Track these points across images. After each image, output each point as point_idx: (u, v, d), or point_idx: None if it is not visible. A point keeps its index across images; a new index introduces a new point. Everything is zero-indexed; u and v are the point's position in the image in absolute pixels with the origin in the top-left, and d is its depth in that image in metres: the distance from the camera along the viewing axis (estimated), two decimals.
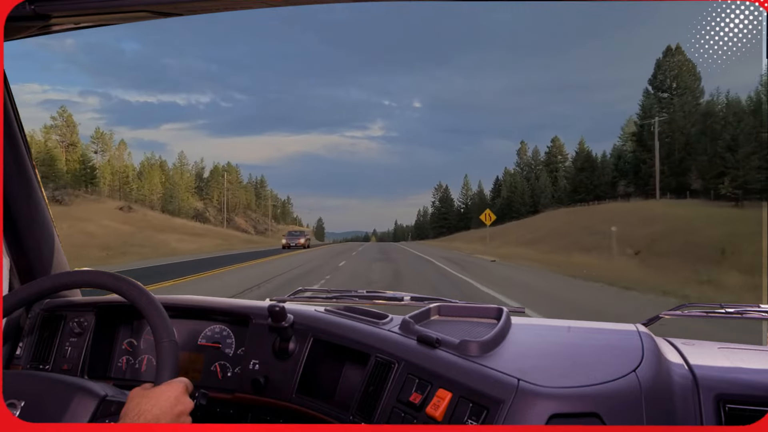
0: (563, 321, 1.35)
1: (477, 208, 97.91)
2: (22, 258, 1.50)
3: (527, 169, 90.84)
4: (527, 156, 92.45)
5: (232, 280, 13.42)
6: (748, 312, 1.33)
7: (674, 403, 0.91)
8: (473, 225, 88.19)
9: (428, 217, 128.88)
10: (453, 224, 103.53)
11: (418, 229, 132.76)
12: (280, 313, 1.26)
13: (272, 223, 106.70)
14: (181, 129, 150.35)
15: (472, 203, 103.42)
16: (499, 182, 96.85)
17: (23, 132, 1.43)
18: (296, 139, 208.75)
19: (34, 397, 0.96)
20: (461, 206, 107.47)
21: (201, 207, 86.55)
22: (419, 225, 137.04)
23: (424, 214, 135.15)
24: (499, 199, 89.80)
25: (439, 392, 0.97)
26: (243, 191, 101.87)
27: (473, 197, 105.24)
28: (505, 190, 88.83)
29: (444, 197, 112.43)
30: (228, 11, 1.13)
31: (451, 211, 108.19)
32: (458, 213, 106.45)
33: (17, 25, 1.09)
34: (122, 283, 1.08)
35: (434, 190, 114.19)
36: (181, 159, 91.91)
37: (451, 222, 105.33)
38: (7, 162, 1.39)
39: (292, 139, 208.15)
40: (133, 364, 1.49)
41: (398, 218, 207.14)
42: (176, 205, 78.06)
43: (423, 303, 1.49)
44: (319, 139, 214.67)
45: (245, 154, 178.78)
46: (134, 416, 0.86)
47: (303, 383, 1.27)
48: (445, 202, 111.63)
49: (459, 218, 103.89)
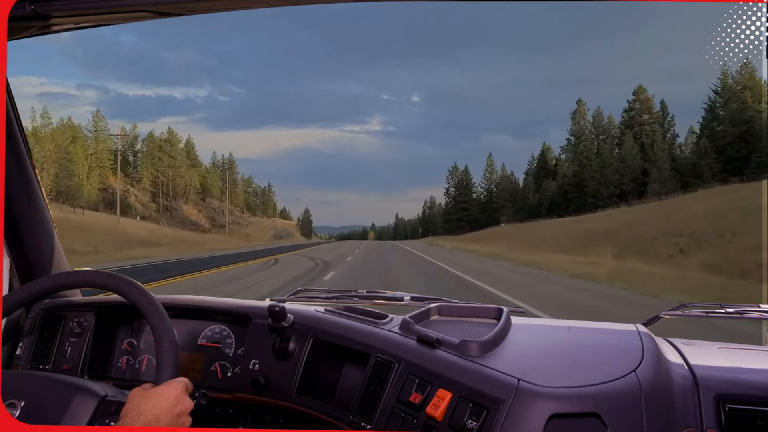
0: (563, 321, 1.35)
1: (508, 195, 79.35)
2: (22, 258, 1.50)
3: (594, 134, 63.87)
4: (585, 120, 66.46)
5: None
6: (748, 312, 1.33)
7: (674, 403, 0.91)
8: (504, 217, 73.75)
9: (436, 208, 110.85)
10: (474, 217, 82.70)
11: (425, 223, 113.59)
12: (280, 313, 1.26)
13: (245, 215, 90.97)
14: (179, 123, 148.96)
15: (499, 190, 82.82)
16: (545, 159, 74.59)
17: (23, 132, 1.44)
18: (294, 133, 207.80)
19: (34, 397, 0.96)
20: (482, 194, 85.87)
21: (121, 189, 59.82)
22: (426, 218, 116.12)
23: (431, 206, 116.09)
24: (550, 182, 68.92)
25: (439, 392, 0.97)
26: (195, 172, 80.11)
27: (500, 182, 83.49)
28: (569, 166, 65.14)
29: (462, 181, 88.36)
30: (228, 11, 1.13)
31: (470, 200, 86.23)
32: (480, 203, 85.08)
33: (17, 25, 1.09)
34: (122, 283, 1.08)
35: (448, 174, 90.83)
36: (97, 122, 64.47)
37: (473, 214, 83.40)
38: (7, 162, 1.39)
39: (291, 133, 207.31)
40: (133, 364, 1.49)
41: (399, 212, 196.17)
42: (74, 185, 55.55)
43: (423, 303, 1.49)
44: (318, 133, 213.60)
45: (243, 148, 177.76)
46: (134, 416, 0.86)
47: (303, 383, 1.27)
48: (464, 189, 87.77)
49: (481, 209, 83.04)
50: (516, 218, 70.85)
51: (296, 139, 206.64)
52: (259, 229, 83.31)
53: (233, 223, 79.54)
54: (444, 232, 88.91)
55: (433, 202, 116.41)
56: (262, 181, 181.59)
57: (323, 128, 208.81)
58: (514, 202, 78.47)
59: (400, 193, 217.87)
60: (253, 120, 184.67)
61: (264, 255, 27.70)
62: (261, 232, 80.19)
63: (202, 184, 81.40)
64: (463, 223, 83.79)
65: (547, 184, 69.38)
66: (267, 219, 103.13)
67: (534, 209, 69.55)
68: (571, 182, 62.92)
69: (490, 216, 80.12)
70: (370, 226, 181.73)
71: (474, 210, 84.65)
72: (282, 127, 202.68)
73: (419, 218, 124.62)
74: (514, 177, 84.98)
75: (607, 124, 63.86)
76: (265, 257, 25.39)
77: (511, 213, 75.01)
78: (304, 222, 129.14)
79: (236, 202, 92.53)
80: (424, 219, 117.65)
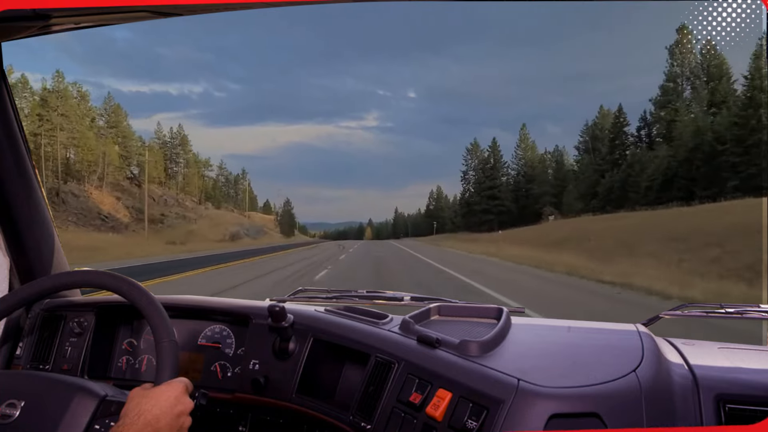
0: (563, 321, 1.35)
1: (552, 179, 60.77)
2: (22, 258, 1.50)
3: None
4: (693, 56, 42.41)
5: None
6: (748, 312, 1.33)
7: (674, 403, 0.91)
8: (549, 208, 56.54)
9: (443, 201, 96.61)
10: (506, 208, 62.98)
11: (431, 218, 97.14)
12: (280, 313, 1.26)
13: (201, 207, 68.97)
14: (174, 119, 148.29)
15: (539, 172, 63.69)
16: (618, 124, 51.65)
17: (23, 132, 1.44)
18: (290, 129, 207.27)
19: (34, 397, 0.96)
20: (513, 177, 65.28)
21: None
22: (431, 213, 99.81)
23: (437, 198, 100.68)
24: (646, 153, 45.40)
25: (439, 392, 0.97)
26: (111, 143, 55.56)
27: (543, 162, 64.27)
28: (696, 128, 36.82)
29: (487, 161, 66.50)
30: (228, 11, 1.13)
31: (501, 186, 65.24)
32: (510, 190, 64.67)
33: (17, 25, 1.09)
34: (122, 283, 1.08)
35: (465, 154, 70.93)
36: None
37: (504, 204, 63.35)
38: (7, 162, 1.39)
39: (287, 129, 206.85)
40: (133, 364, 1.49)
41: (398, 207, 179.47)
42: None
43: (423, 303, 1.49)
44: (314, 129, 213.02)
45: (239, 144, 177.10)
46: (134, 416, 0.86)
47: (303, 383, 1.27)
48: (491, 170, 66.36)
49: (513, 198, 64.33)
50: (571, 209, 53.35)
51: (292, 135, 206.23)
52: (213, 225, 61.66)
53: (178, 217, 58.45)
54: (461, 228, 69.91)
55: (439, 194, 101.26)
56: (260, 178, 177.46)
57: (319, 124, 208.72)
58: (562, 188, 59.57)
59: (399, 189, 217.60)
60: (249, 116, 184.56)
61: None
62: (214, 229, 59.50)
63: (139, 164, 59.53)
64: (491, 216, 62.98)
65: (641, 156, 45.58)
66: (236, 212, 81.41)
67: (600, 196, 50.09)
68: (698, 155, 36.79)
69: (527, 208, 60.82)
70: (367, 223, 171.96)
71: (506, 198, 63.57)
72: (278, 123, 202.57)
73: (423, 213, 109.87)
74: (559, 153, 64.21)
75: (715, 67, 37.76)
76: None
77: (574, 199, 54.93)
78: (285, 216, 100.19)
79: (189, 190, 70.78)
80: (429, 213, 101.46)
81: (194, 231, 54.11)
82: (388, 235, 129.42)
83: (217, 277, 15.40)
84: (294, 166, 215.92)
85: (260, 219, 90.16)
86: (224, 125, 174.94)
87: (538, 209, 59.58)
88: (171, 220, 57.06)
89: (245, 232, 66.27)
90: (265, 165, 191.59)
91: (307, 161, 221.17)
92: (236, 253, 31.21)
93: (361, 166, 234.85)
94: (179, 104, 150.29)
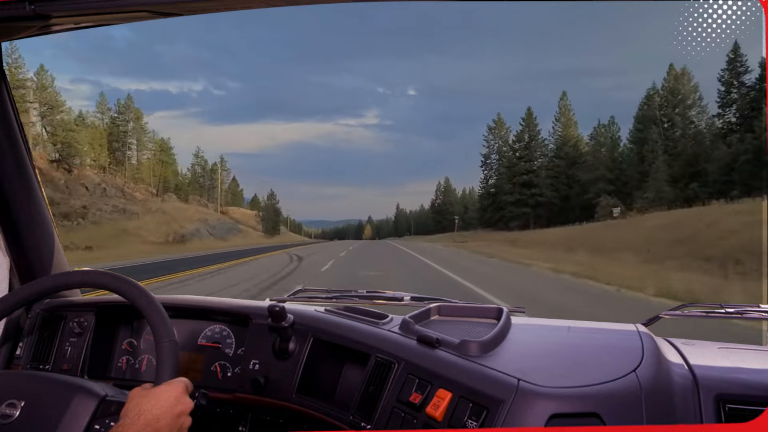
0: (563, 321, 1.35)
1: (608, 160, 43.89)
2: (22, 258, 1.50)
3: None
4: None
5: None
6: (748, 312, 1.33)
7: (674, 404, 0.91)
8: (611, 199, 40.98)
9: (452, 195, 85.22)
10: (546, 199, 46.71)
11: (438, 214, 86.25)
12: (280, 313, 1.26)
13: (160, 200, 55.61)
14: (174, 117, 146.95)
15: (587, 153, 47.38)
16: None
17: (23, 132, 1.44)
18: (290, 127, 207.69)
19: (34, 397, 0.96)
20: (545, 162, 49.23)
21: None
22: (438, 208, 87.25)
23: (444, 191, 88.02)
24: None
25: (439, 392, 0.97)
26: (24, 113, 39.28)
27: (596, 139, 46.57)
28: None
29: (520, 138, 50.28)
30: (228, 11, 1.13)
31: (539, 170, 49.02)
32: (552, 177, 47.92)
33: (17, 25, 1.09)
34: (122, 283, 1.08)
35: (487, 133, 55.81)
36: None
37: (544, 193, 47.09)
38: (7, 162, 1.39)
39: (286, 127, 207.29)
40: (133, 364, 1.49)
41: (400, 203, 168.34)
42: None
43: (423, 303, 1.49)
44: (313, 127, 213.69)
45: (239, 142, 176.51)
46: (134, 416, 0.86)
47: (303, 383, 1.27)
48: (525, 150, 49.98)
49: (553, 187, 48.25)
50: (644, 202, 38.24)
51: (292, 133, 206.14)
52: (165, 222, 47.55)
53: (115, 211, 45.01)
54: (477, 224, 56.71)
55: (447, 187, 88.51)
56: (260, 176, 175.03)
57: (319, 122, 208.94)
58: (620, 172, 44.63)
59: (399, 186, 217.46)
60: (249, 113, 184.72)
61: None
62: (163, 227, 46.23)
63: (63, 142, 46.21)
64: (525, 209, 48.19)
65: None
66: (210, 207, 67.46)
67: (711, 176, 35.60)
68: None
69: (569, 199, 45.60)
70: (366, 220, 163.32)
71: (545, 186, 47.46)
72: (277, 120, 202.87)
73: (428, 209, 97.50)
74: (614, 129, 46.86)
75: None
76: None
77: (664, 184, 38.53)
78: (268, 212, 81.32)
79: (141, 177, 57.54)
80: (437, 209, 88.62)
81: (129, 230, 42.21)
82: (389, 233, 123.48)
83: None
84: (294, 164, 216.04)
85: (241, 215, 78.82)
86: (224, 123, 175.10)
87: (589, 200, 44.00)
88: (101, 215, 43.31)
89: (210, 231, 53.51)
90: (265, 163, 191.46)
91: (306, 159, 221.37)
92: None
93: (360, 163, 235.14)
94: (179, 102, 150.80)
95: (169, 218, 49.47)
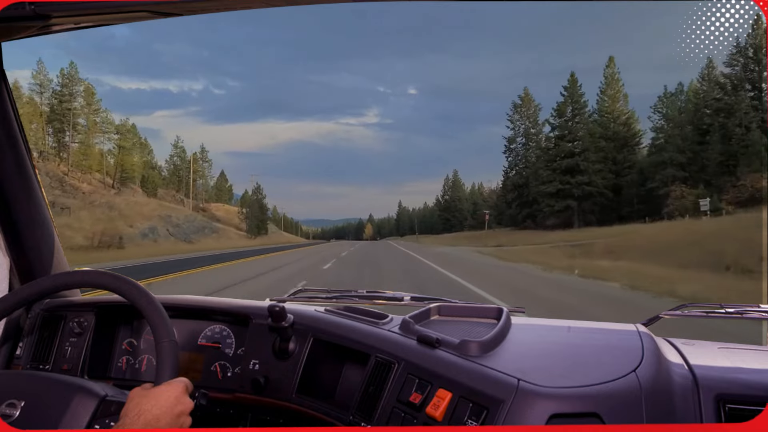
0: (563, 321, 1.35)
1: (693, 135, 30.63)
2: (22, 258, 1.50)
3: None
4: None
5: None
6: (748, 312, 1.33)
7: (674, 404, 0.91)
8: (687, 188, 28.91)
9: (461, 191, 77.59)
10: (597, 190, 35.62)
11: (446, 211, 78.66)
12: (280, 313, 1.26)
13: (113, 192, 47.46)
14: (175, 116, 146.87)
15: (670, 127, 34.20)
16: None
17: (23, 132, 1.44)
18: (290, 126, 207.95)
19: (34, 397, 0.96)
20: (597, 141, 36.59)
21: None
22: (445, 206, 79.07)
23: (453, 187, 79.37)
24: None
25: (439, 392, 0.97)
26: None
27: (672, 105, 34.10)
28: None
29: (561, 112, 37.30)
30: (228, 11, 1.13)
31: (587, 152, 36.11)
32: (600, 162, 36.12)
33: (17, 25, 1.09)
34: (122, 283, 1.08)
35: (512, 111, 44.23)
36: None
37: (594, 183, 35.86)
38: (7, 162, 1.39)
39: (287, 126, 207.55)
40: (133, 364, 1.49)
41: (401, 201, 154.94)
42: None
43: (423, 303, 1.49)
44: (314, 126, 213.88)
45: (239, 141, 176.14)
46: (134, 416, 0.86)
47: (303, 383, 1.27)
48: (567, 123, 37.15)
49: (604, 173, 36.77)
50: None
51: (292, 132, 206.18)
52: (101, 220, 38.01)
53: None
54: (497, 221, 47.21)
55: (456, 181, 79.29)
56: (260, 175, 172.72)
57: (319, 121, 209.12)
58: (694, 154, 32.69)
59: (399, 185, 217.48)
60: (249, 112, 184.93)
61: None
62: (95, 226, 35.60)
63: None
64: (571, 201, 36.69)
65: None
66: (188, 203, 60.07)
67: None
68: None
69: (622, 189, 35.24)
70: (367, 218, 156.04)
71: (594, 173, 35.53)
72: (278, 119, 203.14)
73: (435, 206, 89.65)
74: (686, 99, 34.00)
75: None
76: None
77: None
78: (253, 209, 70.15)
79: (88, 164, 47.98)
80: (443, 206, 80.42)
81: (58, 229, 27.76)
82: (390, 232, 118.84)
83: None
84: (294, 163, 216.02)
85: (224, 212, 71.39)
86: (224, 122, 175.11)
87: (651, 191, 33.81)
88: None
89: (171, 231, 44.72)
90: (266, 162, 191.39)
91: (307, 158, 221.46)
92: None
93: (361, 162, 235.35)
94: (179, 101, 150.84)
95: (114, 215, 40.45)
